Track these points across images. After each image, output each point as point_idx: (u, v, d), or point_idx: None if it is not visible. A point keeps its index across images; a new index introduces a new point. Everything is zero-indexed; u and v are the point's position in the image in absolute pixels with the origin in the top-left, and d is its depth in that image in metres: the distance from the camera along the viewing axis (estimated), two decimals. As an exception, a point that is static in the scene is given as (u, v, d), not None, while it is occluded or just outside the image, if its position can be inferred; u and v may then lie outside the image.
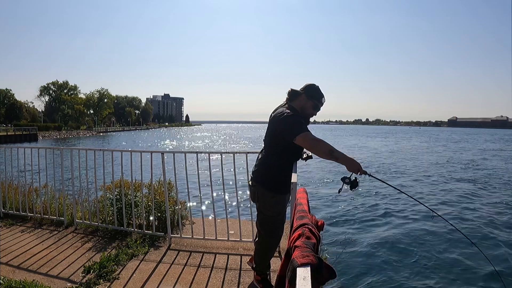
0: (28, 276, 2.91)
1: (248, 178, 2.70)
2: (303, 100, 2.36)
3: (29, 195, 4.61)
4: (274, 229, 2.52)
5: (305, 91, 2.37)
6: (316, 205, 8.84)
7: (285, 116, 2.23)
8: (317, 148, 2.11)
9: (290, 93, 2.40)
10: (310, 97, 2.35)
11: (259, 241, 2.62)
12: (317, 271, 1.05)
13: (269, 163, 2.44)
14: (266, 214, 2.49)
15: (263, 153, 2.53)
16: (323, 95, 2.40)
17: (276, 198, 2.43)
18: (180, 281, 2.89)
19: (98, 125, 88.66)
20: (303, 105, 2.35)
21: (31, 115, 79.20)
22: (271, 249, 2.64)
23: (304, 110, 2.36)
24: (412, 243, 6.14)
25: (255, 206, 2.58)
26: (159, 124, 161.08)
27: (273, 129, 2.34)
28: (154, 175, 3.83)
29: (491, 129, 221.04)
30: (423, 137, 67.02)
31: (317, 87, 2.39)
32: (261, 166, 2.48)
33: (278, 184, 2.39)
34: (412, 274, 4.89)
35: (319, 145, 2.09)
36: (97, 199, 4.21)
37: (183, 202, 4.26)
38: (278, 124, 2.27)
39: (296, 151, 2.39)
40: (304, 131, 2.12)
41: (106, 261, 3.10)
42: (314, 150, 2.15)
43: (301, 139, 2.11)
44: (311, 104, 2.36)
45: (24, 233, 4.00)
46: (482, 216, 8.21)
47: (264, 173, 2.46)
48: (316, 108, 2.40)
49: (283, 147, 2.32)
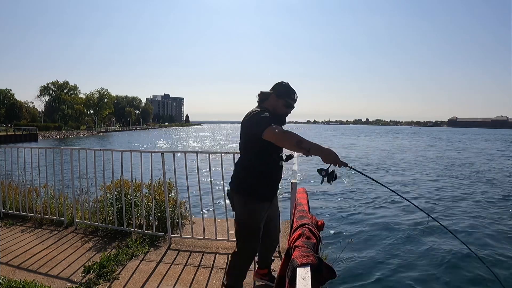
0: (28, 276, 2.91)
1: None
2: (273, 100, 2.28)
3: (29, 195, 4.61)
4: (246, 243, 2.32)
5: (274, 91, 2.29)
6: (316, 205, 8.83)
7: (253, 114, 2.17)
8: (283, 140, 1.94)
9: (260, 96, 2.32)
10: (280, 95, 2.26)
11: (233, 252, 2.43)
12: (317, 271, 1.05)
13: (243, 166, 2.32)
14: (237, 224, 2.33)
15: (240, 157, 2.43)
16: (294, 91, 2.30)
17: (248, 206, 2.26)
18: (180, 281, 2.89)
19: (98, 125, 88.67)
20: (274, 105, 2.27)
21: (31, 115, 79.19)
22: (241, 267, 2.41)
23: (276, 110, 2.26)
24: (413, 243, 6.14)
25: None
26: (159, 124, 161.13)
27: (244, 131, 2.25)
28: (154, 175, 3.83)
29: (491, 129, 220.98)
30: (418, 136, 67.34)
31: (286, 84, 2.30)
32: (236, 170, 2.37)
33: (251, 190, 2.25)
34: (412, 274, 4.89)
35: (285, 137, 1.92)
36: (97, 199, 4.21)
37: (183, 202, 4.26)
38: (247, 123, 2.18)
39: (272, 150, 2.23)
40: (271, 125, 1.97)
41: (106, 261, 3.10)
42: (281, 143, 2.01)
43: (268, 133, 1.95)
44: (282, 103, 2.27)
45: (24, 233, 4.00)
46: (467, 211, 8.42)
47: (237, 177, 2.34)
48: (288, 106, 2.30)
49: (258, 147, 2.18)
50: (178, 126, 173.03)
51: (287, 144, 1.97)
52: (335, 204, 9.24)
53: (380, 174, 15.94)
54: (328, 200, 9.76)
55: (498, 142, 48.91)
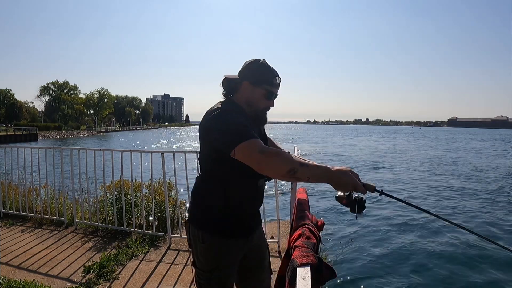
0: (28, 276, 2.91)
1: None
2: (247, 90, 1.48)
3: (29, 195, 4.61)
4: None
5: (245, 76, 1.48)
6: (316, 205, 8.84)
7: (213, 116, 1.38)
8: (268, 166, 1.22)
9: (225, 84, 1.51)
10: (256, 82, 1.47)
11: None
12: (317, 271, 1.05)
13: (201, 188, 1.54)
14: (197, 267, 1.56)
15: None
16: (275, 73, 1.50)
17: (206, 245, 1.49)
18: (180, 281, 2.89)
19: (98, 125, 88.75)
20: (249, 97, 1.48)
21: (31, 115, 79.25)
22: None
23: (253, 104, 1.49)
24: (414, 243, 6.14)
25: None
26: (159, 124, 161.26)
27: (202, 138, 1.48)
28: (154, 175, 3.83)
29: (491, 129, 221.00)
30: (418, 136, 67.62)
31: (262, 63, 1.48)
32: (192, 193, 1.58)
33: (211, 219, 1.49)
34: (413, 274, 4.89)
35: (271, 162, 1.21)
36: (97, 199, 4.21)
37: (183, 202, 4.26)
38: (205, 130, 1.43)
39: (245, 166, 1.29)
40: (246, 139, 1.25)
41: (106, 261, 3.11)
42: (265, 170, 1.24)
43: (241, 152, 1.25)
44: (262, 93, 1.48)
45: (24, 233, 4.00)
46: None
47: (192, 203, 1.56)
48: (270, 96, 1.50)
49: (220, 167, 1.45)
50: (178, 126, 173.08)
51: (272, 173, 1.25)
52: (335, 204, 9.24)
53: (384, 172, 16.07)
54: (328, 200, 9.76)
55: (496, 142, 49.39)
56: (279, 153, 1.23)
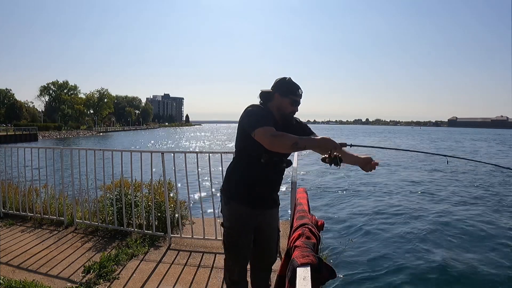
0: (28, 276, 2.91)
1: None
2: (277, 99, 2.04)
3: (29, 195, 4.61)
4: (228, 246, 2.11)
5: (276, 89, 2.05)
6: (316, 205, 8.83)
7: (246, 110, 2.00)
8: (277, 143, 1.77)
9: (263, 96, 2.08)
10: (284, 93, 2.03)
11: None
12: (317, 271, 1.05)
13: (230, 165, 2.17)
14: (223, 225, 2.15)
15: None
16: (298, 87, 2.07)
17: (228, 206, 2.10)
18: (180, 281, 2.89)
19: (98, 125, 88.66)
20: (279, 105, 2.04)
21: (31, 115, 79.26)
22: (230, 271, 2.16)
23: (282, 110, 2.05)
24: (414, 243, 6.13)
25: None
26: (159, 124, 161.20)
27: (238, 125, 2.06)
28: (154, 175, 3.83)
29: (491, 129, 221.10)
30: (417, 136, 67.64)
31: (288, 80, 2.06)
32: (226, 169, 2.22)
33: (232, 188, 2.09)
34: (413, 274, 4.89)
35: (279, 140, 1.76)
36: (97, 199, 4.21)
37: (183, 202, 4.26)
38: (240, 117, 2.02)
39: (260, 151, 1.93)
40: (262, 126, 1.82)
41: (106, 261, 3.10)
42: (275, 147, 1.80)
43: (260, 133, 1.80)
44: (288, 101, 2.04)
45: (24, 233, 4.00)
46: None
47: (225, 176, 2.20)
48: (295, 104, 2.07)
49: (244, 144, 2.02)
50: (178, 126, 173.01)
51: (281, 148, 1.81)
52: (335, 204, 9.24)
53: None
54: (328, 200, 9.76)
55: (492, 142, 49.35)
56: (284, 134, 1.77)
